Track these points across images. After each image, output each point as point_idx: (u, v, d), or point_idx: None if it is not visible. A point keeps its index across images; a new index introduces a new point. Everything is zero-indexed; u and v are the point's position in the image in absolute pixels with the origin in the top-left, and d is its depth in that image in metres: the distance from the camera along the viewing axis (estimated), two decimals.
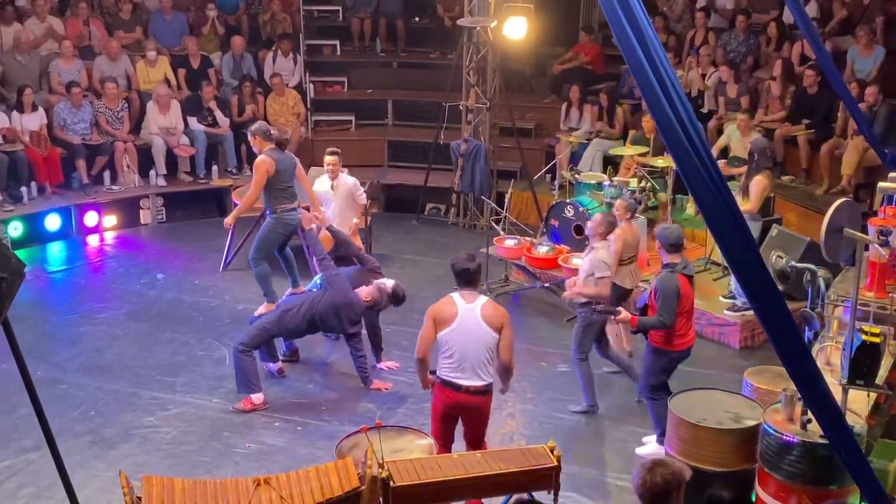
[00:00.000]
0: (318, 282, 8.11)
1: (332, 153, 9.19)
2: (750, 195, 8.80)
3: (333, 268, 7.80)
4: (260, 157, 8.41)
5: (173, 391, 7.97)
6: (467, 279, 6.08)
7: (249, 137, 8.80)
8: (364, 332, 8.08)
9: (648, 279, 8.46)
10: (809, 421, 5.42)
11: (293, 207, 8.55)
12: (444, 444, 6.23)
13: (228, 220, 9.28)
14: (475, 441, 6.25)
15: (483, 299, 6.12)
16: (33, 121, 11.54)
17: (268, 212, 8.49)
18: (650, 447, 7.13)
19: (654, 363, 6.96)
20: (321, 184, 9.32)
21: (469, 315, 6.01)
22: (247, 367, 7.61)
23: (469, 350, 5.99)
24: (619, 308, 7.09)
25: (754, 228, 8.73)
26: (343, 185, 9.17)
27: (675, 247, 6.88)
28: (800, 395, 5.26)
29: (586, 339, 7.59)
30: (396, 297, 7.85)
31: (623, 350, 8.39)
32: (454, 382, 6.05)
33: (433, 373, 6.20)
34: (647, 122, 11.06)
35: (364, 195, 9.31)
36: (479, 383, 6.06)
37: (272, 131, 8.64)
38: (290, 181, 8.52)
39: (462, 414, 6.20)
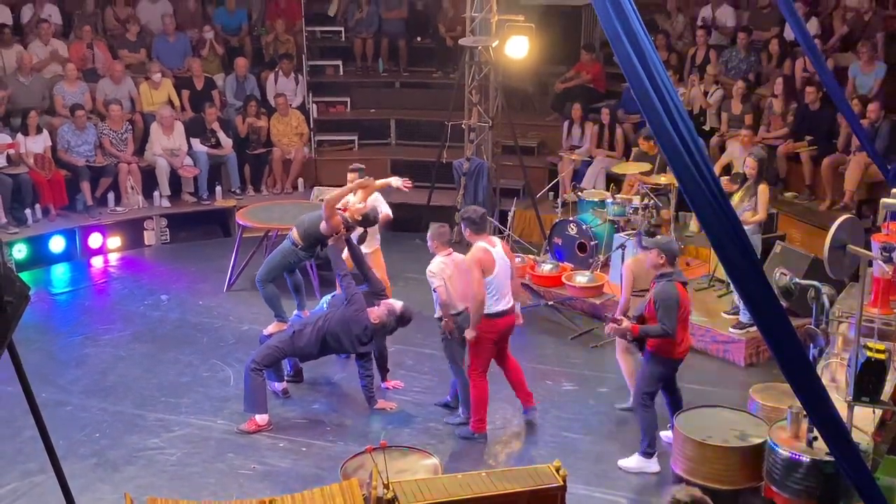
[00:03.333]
0: (325, 306, 8.09)
1: (353, 170, 9.02)
2: (758, 206, 8.80)
3: (353, 285, 7.79)
4: (337, 218, 8.05)
5: (178, 412, 7.96)
6: (479, 225, 7.39)
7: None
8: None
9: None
10: (815, 438, 5.41)
11: (312, 255, 8.59)
12: (485, 369, 7.45)
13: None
14: (505, 356, 7.63)
15: (496, 239, 7.52)
16: (37, 144, 11.59)
17: (290, 241, 8.31)
18: (632, 460, 7.12)
19: (653, 371, 6.97)
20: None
21: (500, 256, 7.33)
22: (256, 385, 7.60)
23: (503, 282, 7.33)
24: (621, 318, 7.11)
25: (756, 242, 8.73)
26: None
27: (676, 258, 6.97)
28: (805, 413, 5.25)
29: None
30: (404, 319, 7.83)
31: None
32: (501, 311, 7.31)
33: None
34: (642, 143, 11.08)
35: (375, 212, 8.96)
36: (512, 303, 7.45)
37: (370, 214, 8.27)
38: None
39: (506, 335, 7.50)
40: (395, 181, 8.78)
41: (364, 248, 8.54)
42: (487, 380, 7.49)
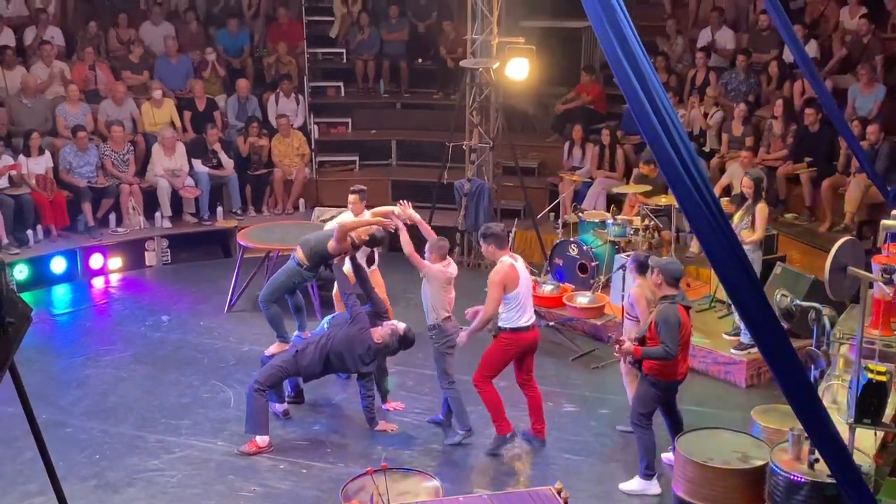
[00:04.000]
0: (325, 326, 8.09)
1: (354, 192, 9.06)
2: (756, 224, 8.81)
3: (358, 304, 7.80)
4: (348, 240, 8.01)
5: (178, 434, 7.94)
6: (505, 240, 7.51)
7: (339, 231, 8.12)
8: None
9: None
10: (817, 460, 5.40)
11: (316, 275, 8.59)
12: (492, 377, 7.51)
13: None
14: (530, 376, 7.65)
15: (517, 255, 7.59)
16: (39, 165, 11.62)
17: (294, 261, 8.27)
18: (633, 483, 7.10)
19: (648, 392, 6.96)
20: (344, 218, 9.30)
21: (523, 270, 7.44)
22: (259, 407, 7.59)
23: (528, 296, 7.45)
24: (623, 338, 7.10)
25: (756, 261, 8.73)
26: None
27: (677, 281, 6.95)
28: (807, 435, 5.24)
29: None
30: (406, 341, 7.83)
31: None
32: (527, 325, 7.38)
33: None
34: (643, 167, 11.10)
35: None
36: (535, 318, 7.53)
37: (377, 234, 8.21)
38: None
39: (528, 351, 7.51)
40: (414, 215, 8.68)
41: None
42: (493, 384, 7.54)
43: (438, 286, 7.63)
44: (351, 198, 9.08)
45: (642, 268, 7.59)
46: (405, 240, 7.82)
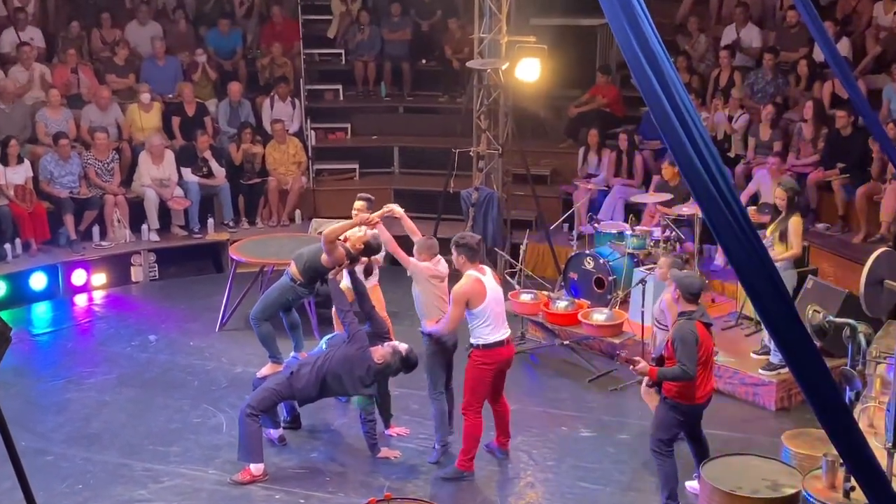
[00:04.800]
0: (324, 346, 8.08)
1: (361, 198, 8.83)
2: (790, 239, 8.78)
3: (356, 322, 7.79)
4: (340, 250, 8.01)
5: (167, 462, 7.94)
6: (477, 253, 7.53)
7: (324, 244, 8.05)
8: None
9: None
10: (853, 488, 5.38)
11: (312, 292, 8.59)
12: (481, 405, 7.54)
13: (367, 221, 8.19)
14: (500, 392, 7.70)
15: (486, 267, 7.65)
16: (18, 174, 11.66)
17: (288, 277, 8.26)
18: None
19: (668, 416, 6.92)
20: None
21: (491, 283, 7.46)
22: (252, 432, 7.58)
23: (499, 311, 7.49)
24: (638, 357, 7.08)
25: (790, 277, 8.71)
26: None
27: (695, 296, 6.91)
28: (841, 461, 5.22)
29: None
30: (408, 363, 7.80)
31: None
32: (501, 340, 7.44)
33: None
34: (667, 169, 11.12)
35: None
36: (510, 332, 7.63)
37: (372, 242, 8.21)
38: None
39: (502, 369, 7.59)
40: (397, 208, 8.65)
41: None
42: (482, 418, 7.55)
43: (426, 283, 7.78)
44: (357, 205, 8.77)
45: None
46: (387, 236, 8.00)
